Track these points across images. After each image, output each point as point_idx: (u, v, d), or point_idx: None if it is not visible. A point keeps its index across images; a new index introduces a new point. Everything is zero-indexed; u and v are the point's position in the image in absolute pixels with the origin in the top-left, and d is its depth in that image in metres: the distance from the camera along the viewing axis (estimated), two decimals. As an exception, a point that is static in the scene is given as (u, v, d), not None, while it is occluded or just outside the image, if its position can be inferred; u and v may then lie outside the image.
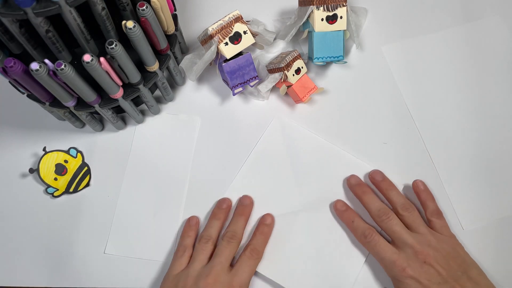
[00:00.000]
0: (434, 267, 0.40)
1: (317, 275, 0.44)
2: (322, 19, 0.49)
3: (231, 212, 0.47)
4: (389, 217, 0.43)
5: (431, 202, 0.45)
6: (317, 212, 0.47)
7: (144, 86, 0.45)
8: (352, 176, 0.47)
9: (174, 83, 0.53)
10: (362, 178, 0.48)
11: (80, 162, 0.50)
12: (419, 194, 0.46)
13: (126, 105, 0.46)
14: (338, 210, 0.46)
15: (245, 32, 0.47)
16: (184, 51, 0.55)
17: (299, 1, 0.52)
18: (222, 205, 0.47)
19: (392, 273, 0.41)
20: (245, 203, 0.47)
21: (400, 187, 0.47)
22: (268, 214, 0.46)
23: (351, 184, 0.47)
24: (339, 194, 0.47)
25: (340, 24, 0.49)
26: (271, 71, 0.50)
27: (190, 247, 0.45)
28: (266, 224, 0.46)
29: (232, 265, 0.43)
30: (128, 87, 0.45)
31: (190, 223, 0.47)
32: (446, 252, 0.41)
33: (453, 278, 0.39)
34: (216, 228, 0.45)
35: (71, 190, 0.49)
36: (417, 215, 0.44)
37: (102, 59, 0.38)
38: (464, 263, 0.41)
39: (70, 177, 0.49)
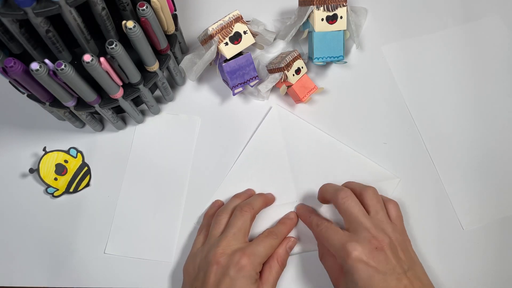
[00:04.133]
0: (386, 253, 0.37)
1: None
2: (322, 19, 0.49)
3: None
4: (347, 196, 0.40)
5: (388, 198, 0.44)
6: (313, 204, 0.47)
7: (144, 86, 0.45)
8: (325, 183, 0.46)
9: (174, 83, 0.53)
10: (361, 173, 0.48)
11: (80, 162, 0.50)
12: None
13: (126, 105, 0.46)
14: (298, 212, 0.46)
15: (245, 32, 0.47)
16: (184, 51, 0.55)
17: (299, 1, 0.52)
18: (247, 192, 0.47)
19: (341, 257, 0.38)
20: (269, 195, 0.47)
21: (400, 187, 0.47)
22: (293, 212, 0.47)
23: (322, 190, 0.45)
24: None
25: (340, 24, 0.49)
26: (271, 71, 0.50)
27: (208, 226, 0.45)
28: (289, 217, 0.46)
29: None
30: (128, 87, 0.45)
31: (214, 204, 0.47)
32: (398, 242, 0.39)
33: (402, 270, 0.37)
34: (233, 204, 0.45)
35: (71, 190, 0.49)
36: (378, 197, 0.42)
37: (102, 59, 0.38)
38: (411, 258, 0.39)
39: (70, 177, 0.49)
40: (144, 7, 0.39)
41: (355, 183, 0.45)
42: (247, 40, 0.48)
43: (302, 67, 0.50)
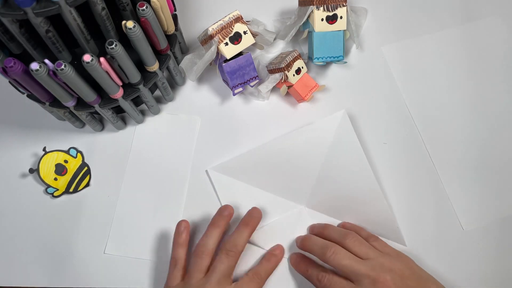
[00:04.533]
0: None
1: None
2: (322, 19, 0.49)
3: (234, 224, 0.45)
4: (334, 252, 0.40)
5: (362, 230, 0.44)
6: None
7: (144, 86, 0.45)
8: (297, 237, 0.45)
9: (174, 83, 0.53)
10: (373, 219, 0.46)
11: (80, 162, 0.50)
12: (349, 229, 0.44)
13: (126, 105, 0.46)
14: (293, 262, 0.44)
15: (245, 32, 0.47)
16: (184, 51, 0.55)
17: (299, 1, 0.52)
18: (223, 212, 0.44)
19: None
20: (254, 215, 0.44)
21: (400, 187, 0.47)
22: (278, 245, 0.45)
23: (296, 241, 0.45)
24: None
25: (340, 24, 0.49)
26: (272, 71, 0.50)
27: (182, 258, 0.43)
28: (274, 254, 0.44)
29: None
30: (128, 87, 0.45)
31: (179, 230, 0.44)
32: (401, 272, 0.39)
33: None
34: (214, 238, 0.42)
35: (71, 190, 0.49)
36: (359, 239, 0.42)
37: (102, 59, 0.38)
38: (420, 279, 0.39)
39: (70, 177, 0.49)
40: (144, 7, 0.39)
41: (333, 230, 0.43)
42: (247, 40, 0.48)
43: (302, 67, 0.50)
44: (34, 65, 0.36)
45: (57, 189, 0.49)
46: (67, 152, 0.50)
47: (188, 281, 0.40)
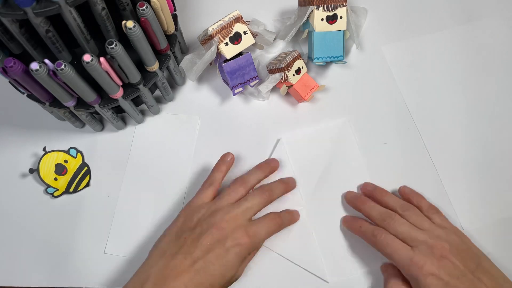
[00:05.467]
0: (451, 260, 0.38)
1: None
2: (322, 19, 0.49)
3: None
4: (393, 219, 0.42)
5: (423, 200, 0.45)
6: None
7: (144, 86, 0.45)
8: (348, 192, 0.47)
9: (174, 83, 0.53)
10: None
11: (80, 162, 0.50)
12: (409, 197, 0.45)
13: (126, 105, 0.46)
14: (346, 222, 0.46)
15: (245, 32, 0.47)
16: (184, 51, 0.55)
17: (299, 1, 0.52)
18: (271, 163, 0.47)
19: (410, 272, 0.38)
20: (291, 180, 0.47)
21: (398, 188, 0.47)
22: (296, 210, 0.46)
23: (348, 199, 0.46)
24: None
25: (340, 24, 0.49)
26: (272, 71, 0.50)
27: (218, 182, 0.45)
28: (294, 212, 0.46)
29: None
30: (128, 87, 0.45)
31: (225, 158, 0.46)
32: (457, 244, 0.40)
33: (470, 270, 0.38)
34: (256, 178, 0.45)
35: (71, 190, 0.49)
36: (419, 213, 0.43)
37: (102, 59, 0.38)
38: (475, 255, 0.40)
39: (70, 177, 0.49)
40: (144, 7, 0.39)
41: (394, 200, 0.44)
42: (247, 40, 0.48)
43: (302, 67, 0.50)
44: (34, 65, 0.36)
45: (57, 189, 0.49)
46: (67, 152, 0.50)
47: (218, 201, 0.42)
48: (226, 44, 0.47)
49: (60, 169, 0.49)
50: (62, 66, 0.37)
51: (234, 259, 0.39)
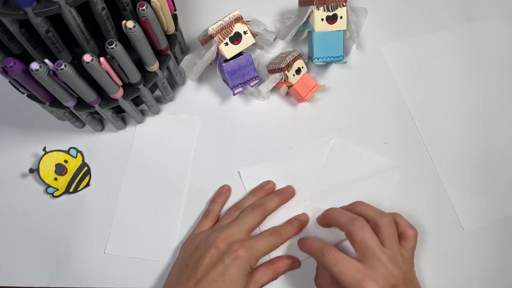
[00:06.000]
0: None
1: None
2: (322, 19, 0.49)
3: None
4: (364, 228, 0.37)
5: (403, 220, 0.41)
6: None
7: (144, 86, 0.45)
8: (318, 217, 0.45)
9: (174, 83, 0.53)
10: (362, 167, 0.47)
11: (80, 162, 0.50)
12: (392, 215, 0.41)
13: (126, 105, 0.46)
14: (299, 243, 0.43)
15: (245, 32, 0.47)
16: (184, 51, 0.55)
17: (299, 1, 0.52)
18: (265, 186, 0.47)
19: None
20: (287, 189, 0.47)
21: (400, 187, 0.47)
22: (304, 213, 0.46)
23: (318, 220, 0.44)
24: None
25: (340, 24, 0.49)
26: (272, 71, 0.50)
27: (215, 213, 0.45)
28: (299, 218, 0.45)
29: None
30: (128, 87, 0.45)
31: (222, 190, 0.47)
32: (408, 275, 0.37)
33: None
34: (250, 202, 0.45)
35: (71, 190, 0.49)
36: (395, 230, 0.39)
37: (102, 59, 0.38)
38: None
39: (70, 177, 0.49)
40: (144, 7, 0.39)
41: (370, 209, 0.41)
42: (247, 40, 0.48)
43: (302, 67, 0.50)
44: (34, 65, 0.36)
45: (57, 189, 0.49)
46: (67, 152, 0.50)
47: (214, 227, 0.44)
48: (226, 44, 0.47)
49: (60, 169, 0.49)
50: (62, 66, 0.36)
51: (236, 273, 0.39)
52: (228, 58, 0.47)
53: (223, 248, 0.40)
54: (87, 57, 0.37)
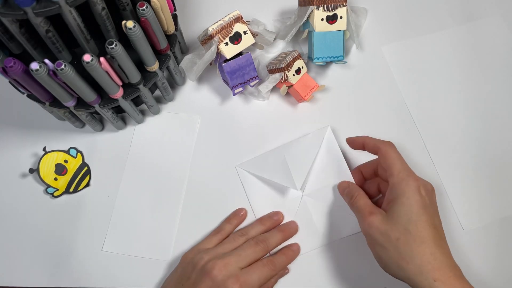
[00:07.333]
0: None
1: None
2: (322, 19, 0.49)
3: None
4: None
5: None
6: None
7: (144, 86, 0.45)
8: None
9: (174, 83, 0.53)
10: None
11: (80, 162, 0.50)
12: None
13: (126, 105, 0.46)
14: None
15: (245, 32, 0.47)
16: (184, 51, 0.55)
17: (299, 1, 0.52)
18: (273, 216, 0.47)
19: (399, 177, 0.40)
20: (291, 226, 0.47)
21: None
22: (296, 243, 0.46)
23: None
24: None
25: (340, 24, 0.49)
26: (272, 71, 0.50)
27: (225, 232, 0.46)
28: (292, 249, 0.46)
29: None
30: (128, 87, 0.45)
31: (238, 213, 0.47)
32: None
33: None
34: (257, 231, 0.45)
35: (71, 190, 0.49)
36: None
37: (102, 59, 0.38)
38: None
39: (70, 177, 0.49)
40: (144, 7, 0.39)
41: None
42: (247, 40, 0.48)
43: (302, 67, 0.50)
44: (34, 65, 0.36)
45: (57, 189, 0.49)
46: (67, 152, 0.50)
47: (217, 249, 0.43)
48: (226, 44, 0.47)
49: (60, 169, 0.49)
50: (62, 66, 0.36)
51: None
52: (228, 58, 0.47)
53: (218, 279, 0.40)
54: (87, 57, 0.37)
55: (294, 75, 0.49)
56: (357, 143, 0.45)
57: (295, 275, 0.45)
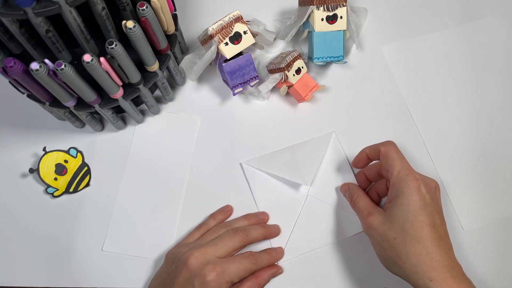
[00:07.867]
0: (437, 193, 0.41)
1: None
2: (322, 19, 0.49)
3: None
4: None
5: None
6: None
7: (144, 86, 0.45)
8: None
9: (174, 83, 0.53)
10: None
11: (80, 162, 0.50)
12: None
13: (126, 105, 0.46)
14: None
15: (245, 32, 0.47)
16: (184, 51, 0.55)
17: (299, 1, 0.52)
18: (259, 215, 0.47)
19: (400, 175, 0.40)
20: (275, 226, 0.47)
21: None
22: (281, 247, 0.46)
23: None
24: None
25: (340, 24, 0.49)
26: (272, 71, 0.50)
27: (209, 227, 0.46)
28: (276, 251, 0.46)
29: None
30: (128, 87, 0.45)
31: (223, 209, 0.47)
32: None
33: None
34: (240, 224, 0.45)
35: (71, 190, 0.49)
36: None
37: (102, 59, 0.38)
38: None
39: (70, 177, 0.49)
40: (144, 7, 0.39)
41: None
42: (247, 40, 0.48)
43: (302, 67, 0.50)
44: (34, 65, 0.36)
45: (57, 189, 0.49)
46: (67, 152, 0.50)
47: (197, 240, 0.44)
48: (226, 44, 0.47)
49: (60, 169, 0.49)
50: (62, 66, 0.36)
51: None
52: (228, 58, 0.47)
53: (194, 268, 0.39)
54: (87, 57, 0.37)
55: (294, 75, 0.49)
56: (361, 158, 0.45)
57: (297, 274, 0.45)
